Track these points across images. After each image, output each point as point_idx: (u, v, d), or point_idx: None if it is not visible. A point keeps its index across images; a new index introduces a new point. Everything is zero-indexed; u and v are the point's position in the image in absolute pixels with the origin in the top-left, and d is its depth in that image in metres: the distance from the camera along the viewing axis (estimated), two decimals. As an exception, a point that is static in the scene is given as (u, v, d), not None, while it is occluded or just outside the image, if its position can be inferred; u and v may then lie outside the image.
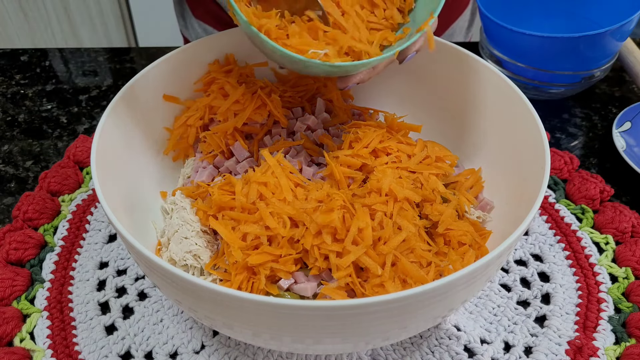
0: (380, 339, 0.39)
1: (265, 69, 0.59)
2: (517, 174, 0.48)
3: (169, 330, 0.48)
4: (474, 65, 0.53)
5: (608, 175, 0.62)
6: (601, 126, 0.69)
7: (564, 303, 0.51)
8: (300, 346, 0.39)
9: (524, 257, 0.55)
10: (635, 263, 0.53)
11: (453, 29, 0.83)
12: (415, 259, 0.43)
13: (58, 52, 0.80)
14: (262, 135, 0.55)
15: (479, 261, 0.35)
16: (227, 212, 0.46)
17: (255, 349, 0.47)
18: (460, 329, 0.49)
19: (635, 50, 0.71)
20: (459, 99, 0.56)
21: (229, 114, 0.53)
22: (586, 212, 0.58)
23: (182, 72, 0.55)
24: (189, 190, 0.52)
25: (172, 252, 0.47)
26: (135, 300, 0.51)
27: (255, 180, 0.46)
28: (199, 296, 0.36)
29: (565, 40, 0.63)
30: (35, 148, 0.66)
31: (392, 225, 0.44)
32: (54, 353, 0.47)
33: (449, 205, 0.47)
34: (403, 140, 0.52)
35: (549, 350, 0.47)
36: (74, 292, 0.51)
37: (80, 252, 0.54)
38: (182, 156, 0.56)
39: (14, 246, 0.53)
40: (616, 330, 0.49)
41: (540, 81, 0.68)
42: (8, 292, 0.50)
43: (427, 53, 0.56)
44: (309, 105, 0.57)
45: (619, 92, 0.74)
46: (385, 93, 0.61)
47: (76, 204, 0.58)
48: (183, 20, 0.83)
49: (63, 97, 0.73)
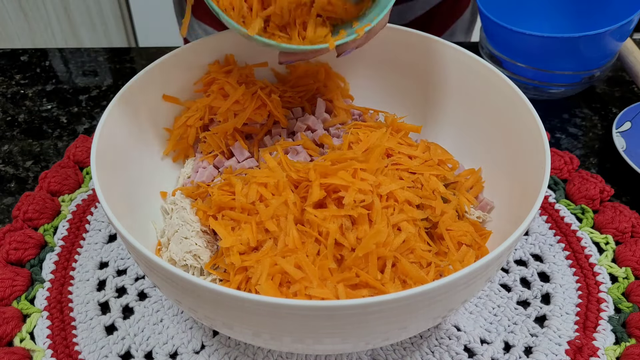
0: (380, 339, 0.39)
1: (265, 70, 0.59)
2: (517, 174, 0.48)
3: (169, 330, 0.48)
4: (474, 66, 0.53)
5: (608, 175, 0.62)
6: (601, 126, 0.69)
7: (564, 303, 0.51)
8: (300, 346, 0.39)
9: (524, 257, 0.55)
10: (635, 263, 0.53)
11: (453, 29, 0.83)
12: (415, 260, 0.43)
13: (58, 52, 0.80)
14: (262, 135, 0.55)
15: (479, 261, 0.35)
16: (227, 212, 0.46)
17: (255, 349, 0.47)
18: (460, 329, 0.49)
19: (635, 50, 0.71)
20: (459, 99, 0.56)
21: (229, 114, 0.53)
22: (586, 212, 0.58)
23: (182, 72, 0.55)
24: (189, 190, 0.52)
25: (172, 252, 0.47)
26: (135, 300, 0.51)
27: (255, 181, 0.46)
28: (199, 296, 0.36)
29: (565, 40, 0.63)
30: (35, 148, 0.66)
31: (392, 227, 0.43)
32: (54, 353, 0.47)
33: (449, 206, 0.47)
34: (403, 141, 0.52)
35: (549, 350, 0.47)
36: (74, 292, 0.51)
37: (80, 252, 0.54)
38: (182, 156, 0.56)
39: (14, 246, 0.53)
40: (616, 330, 0.49)
41: (540, 81, 0.68)
42: (8, 292, 0.50)
43: (427, 53, 0.56)
44: (309, 105, 0.57)
45: (619, 92, 0.74)
46: (385, 93, 0.61)
47: (76, 204, 0.58)
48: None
49: (63, 97, 0.73)
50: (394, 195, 0.45)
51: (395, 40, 0.57)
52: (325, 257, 0.42)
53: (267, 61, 0.59)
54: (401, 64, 0.59)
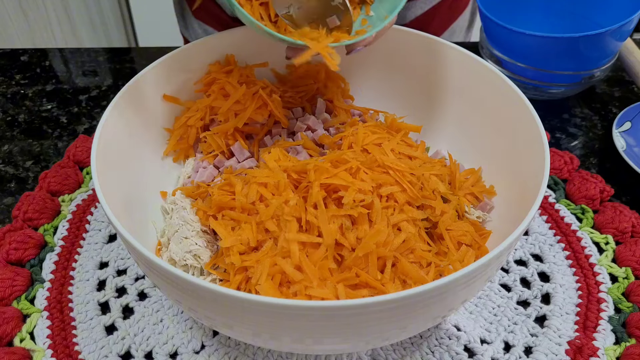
0: (380, 339, 0.39)
1: (266, 70, 0.59)
2: (517, 174, 0.48)
3: (169, 330, 0.48)
4: (474, 66, 0.53)
5: (608, 175, 0.62)
6: (601, 126, 0.69)
7: (564, 303, 0.51)
8: (300, 346, 0.39)
9: (524, 257, 0.55)
10: (635, 263, 0.53)
11: (453, 29, 0.83)
12: (415, 260, 0.43)
13: (58, 52, 0.80)
14: (262, 135, 0.55)
15: (478, 261, 0.35)
16: (227, 212, 0.46)
17: (255, 349, 0.47)
18: (460, 329, 0.49)
19: (635, 50, 0.71)
20: (459, 99, 0.56)
21: (230, 115, 0.53)
22: (586, 212, 0.58)
23: (182, 72, 0.55)
24: (189, 190, 0.52)
25: (172, 252, 0.47)
26: (135, 300, 0.51)
27: (255, 181, 0.46)
28: (199, 296, 0.36)
29: (565, 40, 0.63)
30: (35, 148, 0.66)
31: (392, 226, 0.44)
32: (54, 353, 0.47)
33: (449, 206, 0.47)
34: (403, 141, 0.52)
35: (549, 350, 0.47)
36: (74, 292, 0.51)
37: (80, 252, 0.54)
38: (183, 156, 0.56)
39: (14, 246, 0.53)
40: (616, 330, 0.49)
41: (540, 81, 0.68)
42: (8, 292, 0.50)
43: (427, 53, 0.56)
44: (309, 105, 0.57)
45: (619, 92, 0.74)
46: (385, 93, 0.61)
47: (76, 204, 0.58)
48: (183, 20, 0.84)
49: (63, 97, 0.73)
50: (394, 196, 0.45)
51: (396, 41, 0.57)
52: (326, 257, 0.42)
53: (268, 61, 0.59)
54: (401, 64, 0.59)
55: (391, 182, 0.45)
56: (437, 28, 0.80)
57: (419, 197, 0.46)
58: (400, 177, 0.46)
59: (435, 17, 0.78)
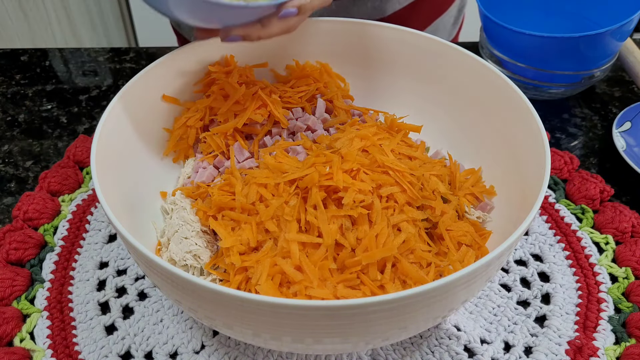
0: (380, 339, 0.39)
1: (265, 70, 0.59)
2: (517, 174, 0.48)
3: (169, 330, 0.48)
4: (474, 66, 0.53)
5: (608, 175, 0.62)
6: (601, 126, 0.69)
7: (564, 303, 0.51)
8: (300, 346, 0.39)
9: (524, 257, 0.55)
10: (635, 263, 0.53)
11: (436, 25, 0.79)
12: (415, 260, 0.43)
13: (58, 52, 0.80)
14: (262, 135, 0.55)
15: (479, 261, 0.35)
16: (227, 212, 0.46)
17: (255, 349, 0.47)
18: (460, 329, 0.49)
19: (635, 50, 0.71)
20: (459, 99, 0.56)
21: (229, 115, 0.53)
22: (586, 212, 0.58)
23: (182, 72, 0.55)
24: (189, 190, 0.52)
25: (172, 252, 0.47)
26: (135, 300, 0.51)
27: (255, 182, 0.46)
28: (199, 296, 0.36)
29: (565, 40, 0.63)
30: (35, 148, 0.66)
31: (392, 227, 0.43)
32: (54, 353, 0.47)
33: (449, 206, 0.47)
34: (403, 141, 0.52)
35: (549, 350, 0.47)
36: (74, 292, 0.51)
37: (80, 252, 0.54)
38: (182, 157, 0.56)
39: (14, 246, 0.53)
40: (616, 330, 0.49)
41: (540, 81, 0.68)
42: (8, 292, 0.50)
43: (427, 54, 0.56)
44: (309, 105, 0.57)
45: (619, 92, 0.74)
46: (385, 93, 0.61)
47: (76, 204, 0.58)
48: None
49: (63, 97, 0.73)
50: (394, 196, 0.45)
51: (396, 41, 0.57)
52: (326, 257, 0.42)
53: (267, 62, 0.59)
54: (401, 65, 0.59)
55: (391, 183, 0.45)
56: (419, 23, 0.77)
57: (419, 197, 0.46)
58: (400, 178, 0.46)
59: (417, 12, 0.75)
